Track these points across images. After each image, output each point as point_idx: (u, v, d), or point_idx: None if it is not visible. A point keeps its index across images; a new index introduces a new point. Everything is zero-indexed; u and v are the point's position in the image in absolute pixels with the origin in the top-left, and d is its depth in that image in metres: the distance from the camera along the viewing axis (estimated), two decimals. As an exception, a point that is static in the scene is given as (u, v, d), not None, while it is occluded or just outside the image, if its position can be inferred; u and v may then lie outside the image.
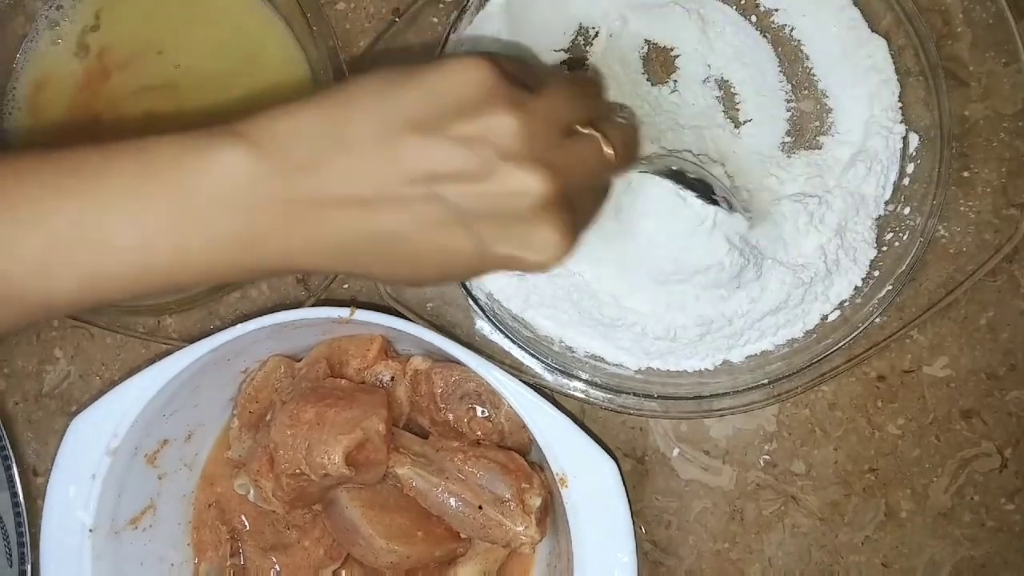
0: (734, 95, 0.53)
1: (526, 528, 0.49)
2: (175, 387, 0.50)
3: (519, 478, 0.50)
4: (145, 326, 0.56)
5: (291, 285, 0.57)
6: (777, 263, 0.51)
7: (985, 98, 0.52)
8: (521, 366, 0.51)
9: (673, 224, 0.47)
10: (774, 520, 0.56)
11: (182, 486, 0.56)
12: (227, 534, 0.56)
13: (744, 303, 0.51)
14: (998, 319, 0.54)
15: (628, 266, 0.51)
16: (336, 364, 0.53)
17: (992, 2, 0.50)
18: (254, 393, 0.53)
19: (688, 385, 0.52)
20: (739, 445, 0.56)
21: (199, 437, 0.55)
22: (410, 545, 0.50)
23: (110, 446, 0.49)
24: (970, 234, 0.53)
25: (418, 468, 0.50)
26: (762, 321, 0.51)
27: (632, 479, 0.56)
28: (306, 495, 0.50)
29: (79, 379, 0.58)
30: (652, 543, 0.56)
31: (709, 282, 0.50)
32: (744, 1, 0.53)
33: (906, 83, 0.51)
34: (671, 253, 0.49)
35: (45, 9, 0.55)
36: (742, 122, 0.53)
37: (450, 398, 0.51)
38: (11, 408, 0.58)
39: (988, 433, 0.55)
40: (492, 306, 0.52)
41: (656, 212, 0.48)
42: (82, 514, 0.49)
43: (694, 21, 0.52)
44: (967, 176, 0.53)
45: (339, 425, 0.47)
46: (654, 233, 0.48)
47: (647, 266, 0.50)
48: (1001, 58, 0.52)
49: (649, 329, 0.52)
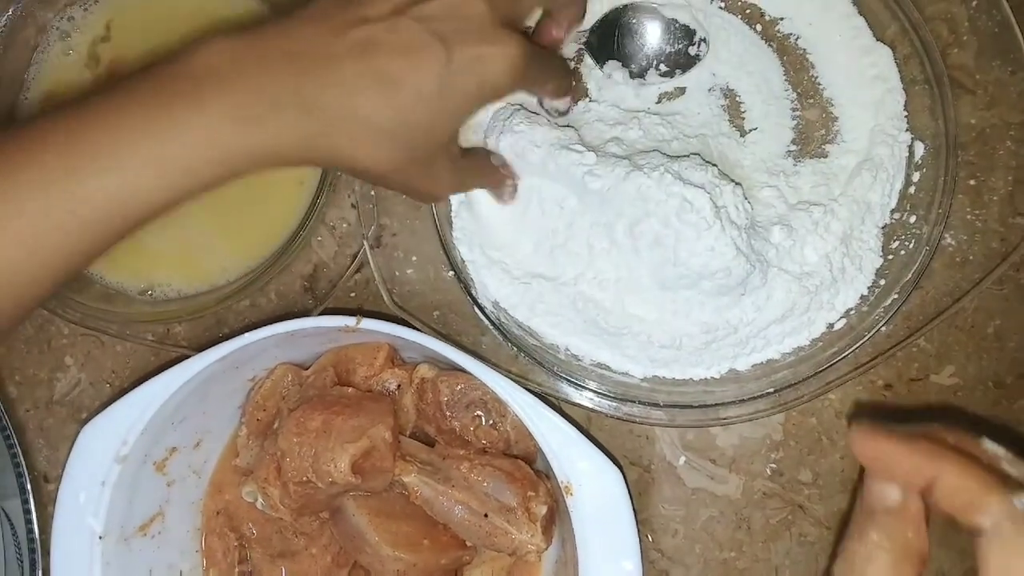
0: (739, 104, 0.53)
1: (532, 536, 0.49)
2: (184, 395, 0.50)
3: (525, 486, 0.50)
4: (155, 334, 0.57)
5: (299, 294, 0.57)
6: (783, 271, 0.51)
7: (991, 106, 0.52)
8: (527, 374, 0.51)
9: (680, 227, 0.48)
10: (781, 529, 0.55)
11: (191, 493, 0.56)
12: (235, 541, 0.56)
13: (750, 311, 0.51)
14: (1005, 327, 0.54)
15: (634, 272, 0.51)
16: (343, 372, 0.53)
17: (997, 10, 0.50)
18: (262, 401, 0.54)
19: (694, 393, 0.52)
20: (746, 454, 0.56)
21: (208, 444, 0.56)
22: (416, 553, 0.50)
23: (120, 453, 0.50)
24: (976, 242, 0.53)
25: (424, 476, 0.50)
26: (768, 329, 0.51)
27: (638, 488, 0.56)
28: (313, 503, 0.50)
29: (89, 386, 0.59)
30: (659, 552, 0.56)
31: (715, 289, 0.50)
32: (749, 10, 0.53)
33: (912, 91, 0.51)
34: (677, 257, 0.49)
35: (56, 20, 0.56)
36: (748, 131, 0.53)
37: (456, 406, 0.51)
38: (22, 415, 0.59)
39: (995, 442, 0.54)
40: (498, 314, 0.52)
41: (663, 215, 0.48)
42: (92, 521, 0.50)
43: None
44: (973, 184, 0.53)
45: (346, 433, 0.48)
46: (661, 236, 0.48)
47: (653, 270, 0.50)
48: (1007, 66, 0.52)
49: (655, 337, 0.52)
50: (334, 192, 0.54)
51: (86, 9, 0.56)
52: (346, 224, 0.57)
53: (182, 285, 0.56)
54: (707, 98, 0.53)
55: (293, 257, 0.54)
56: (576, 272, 0.51)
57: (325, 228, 0.57)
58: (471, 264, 0.52)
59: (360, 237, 0.53)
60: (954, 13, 0.52)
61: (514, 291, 0.52)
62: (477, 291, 0.52)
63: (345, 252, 0.57)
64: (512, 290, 0.52)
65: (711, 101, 0.53)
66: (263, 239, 0.56)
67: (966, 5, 0.52)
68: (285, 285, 0.57)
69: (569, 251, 0.51)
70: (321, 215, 0.55)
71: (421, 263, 0.53)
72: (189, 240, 0.56)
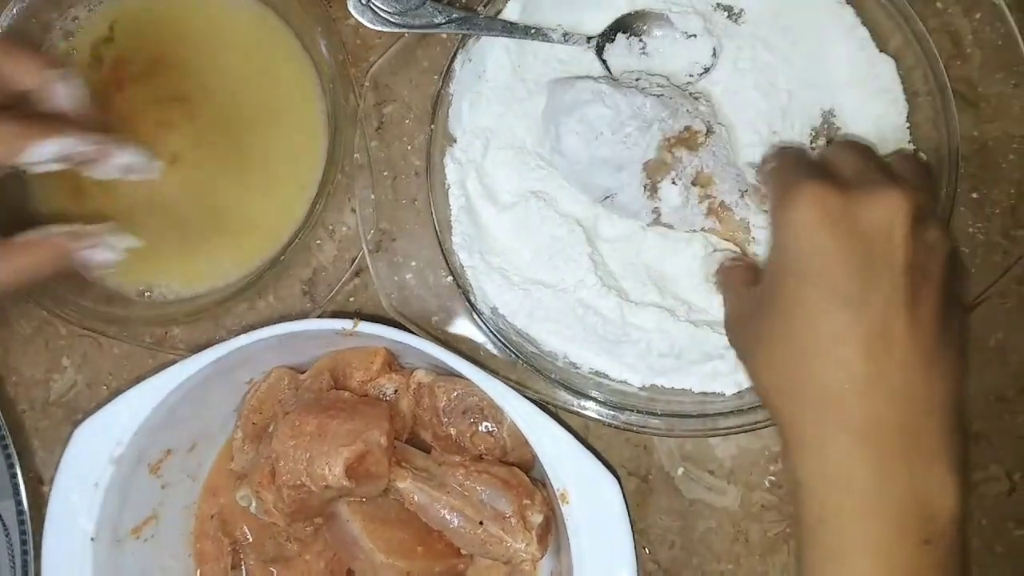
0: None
1: (527, 545, 0.49)
2: (179, 397, 0.50)
3: (521, 494, 0.50)
4: (152, 336, 0.57)
5: (298, 297, 0.57)
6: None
7: (994, 119, 0.52)
8: (524, 381, 0.51)
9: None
10: (779, 542, 0.55)
11: (185, 496, 0.56)
12: (229, 546, 0.55)
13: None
14: (1008, 341, 0.54)
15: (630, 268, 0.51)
16: (340, 376, 0.53)
17: (1001, 23, 0.50)
18: (258, 404, 0.53)
19: (693, 403, 0.52)
20: (744, 465, 0.55)
21: (202, 448, 0.55)
22: (410, 560, 0.50)
23: (114, 454, 0.49)
24: (979, 255, 0.53)
25: (419, 482, 0.49)
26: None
27: (636, 498, 0.55)
28: (307, 507, 0.50)
29: (86, 388, 0.59)
30: (655, 563, 0.55)
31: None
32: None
33: (915, 103, 0.51)
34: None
35: (60, 20, 0.56)
36: (744, 145, 0.53)
37: (453, 412, 0.51)
38: (18, 416, 0.59)
39: (997, 456, 0.54)
40: (496, 321, 0.52)
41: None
42: (84, 522, 0.49)
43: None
44: (976, 197, 0.53)
45: (341, 436, 0.47)
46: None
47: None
48: (1010, 79, 0.52)
49: (654, 346, 0.51)
50: (334, 196, 0.54)
51: (90, 10, 0.56)
52: (345, 228, 0.57)
53: (181, 287, 0.56)
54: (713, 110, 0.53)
55: (292, 260, 0.54)
56: (576, 279, 0.51)
57: (325, 232, 0.57)
58: (470, 270, 0.52)
59: (359, 241, 0.53)
60: (958, 25, 0.52)
61: (513, 297, 0.52)
62: (476, 297, 0.52)
63: (344, 256, 0.57)
64: (511, 296, 0.52)
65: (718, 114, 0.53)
66: (262, 242, 0.55)
67: (970, 18, 0.52)
68: (284, 288, 0.57)
69: (569, 258, 0.51)
70: (321, 219, 0.55)
71: (420, 268, 0.53)
72: (189, 242, 0.56)
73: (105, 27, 0.56)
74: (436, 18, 0.51)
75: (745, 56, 0.52)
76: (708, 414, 0.51)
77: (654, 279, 0.52)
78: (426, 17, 0.51)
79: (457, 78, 0.52)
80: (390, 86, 0.54)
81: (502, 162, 0.53)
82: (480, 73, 0.53)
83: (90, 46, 0.56)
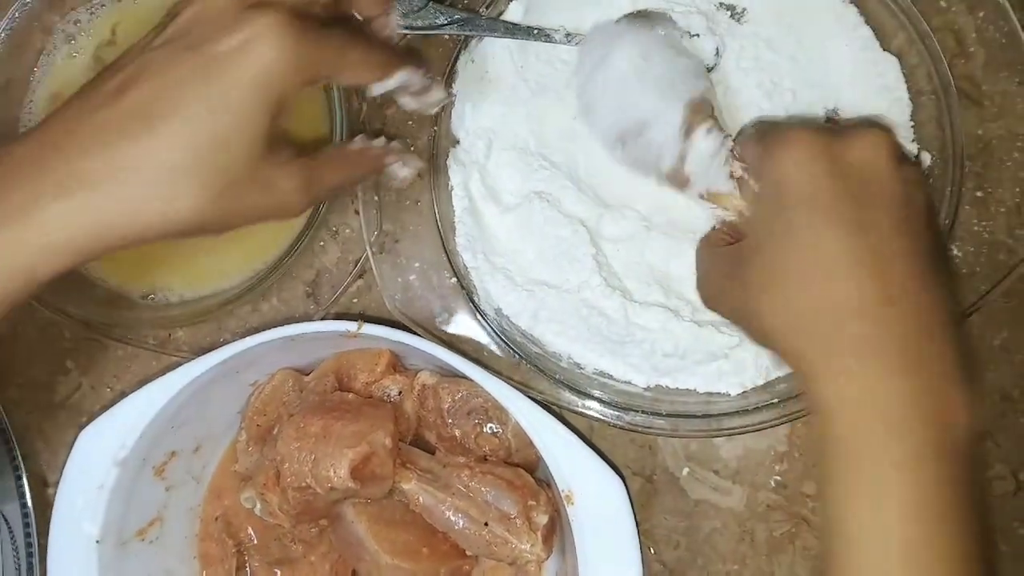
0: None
1: (532, 546, 0.49)
2: (184, 399, 0.50)
3: (526, 495, 0.50)
4: (156, 338, 0.57)
5: (301, 299, 0.57)
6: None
7: (999, 118, 0.52)
8: (529, 382, 0.51)
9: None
10: (785, 542, 0.55)
11: (189, 499, 0.56)
12: (233, 548, 0.55)
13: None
14: (1012, 340, 0.54)
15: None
16: (344, 378, 0.53)
17: (1005, 21, 0.50)
18: (262, 406, 0.53)
19: (697, 403, 0.52)
20: (750, 465, 0.55)
21: (207, 450, 0.56)
22: (415, 562, 0.50)
23: (118, 457, 0.49)
24: (983, 254, 0.52)
25: (424, 483, 0.49)
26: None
27: (641, 498, 0.55)
28: (312, 509, 0.50)
29: (90, 390, 0.59)
30: (661, 564, 0.55)
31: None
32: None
33: (919, 102, 0.51)
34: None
35: (62, 23, 0.56)
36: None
37: (457, 413, 0.51)
38: (23, 418, 0.59)
39: (1002, 456, 0.54)
40: (500, 322, 0.52)
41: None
42: (89, 525, 0.49)
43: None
44: (980, 196, 0.52)
45: (345, 438, 0.47)
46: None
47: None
48: (1014, 78, 0.51)
49: (658, 346, 0.51)
50: (337, 197, 0.54)
51: (92, 13, 0.56)
52: (349, 230, 0.57)
53: (185, 289, 0.56)
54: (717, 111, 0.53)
55: (295, 262, 0.54)
56: (580, 280, 0.51)
57: (328, 233, 0.57)
58: (474, 271, 0.52)
59: (363, 243, 0.53)
60: (961, 24, 0.52)
61: (517, 298, 0.52)
62: (479, 298, 0.52)
63: (348, 258, 0.57)
64: (515, 297, 0.52)
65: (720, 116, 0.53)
66: (266, 244, 0.55)
67: (973, 16, 0.52)
68: (287, 291, 0.57)
69: (573, 258, 0.51)
70: (324, 220, 0.55)
71: (424, 269, 0.53)
72: (192, 244, 0.56)
73: (107, 30, 0.56)
74: (438, 19, 0.51)
75: (748, 55, 0.52)
76: (713, 414, 0.51)
77: (658, 279, 0.52)
78: (428, 18, 0.51)
79: (460, 79, 0.52)
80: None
81: (505, 163, 0.53)
82: (483, 74, 0.53)
83: (92, 49, 0.56)
